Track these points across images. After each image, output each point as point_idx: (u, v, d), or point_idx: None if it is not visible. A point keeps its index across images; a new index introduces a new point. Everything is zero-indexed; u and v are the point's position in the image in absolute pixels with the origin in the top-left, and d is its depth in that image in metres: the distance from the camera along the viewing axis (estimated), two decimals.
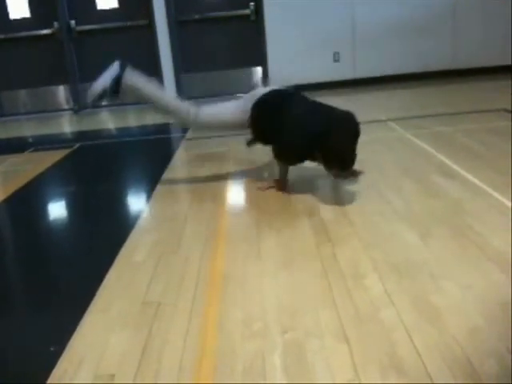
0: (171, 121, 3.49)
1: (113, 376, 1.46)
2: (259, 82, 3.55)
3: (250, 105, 2.90)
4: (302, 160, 2.77)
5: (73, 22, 6.92)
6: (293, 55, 6.51)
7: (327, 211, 2.53)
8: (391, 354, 1.42)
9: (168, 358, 1.51)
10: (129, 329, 1.69)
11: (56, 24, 6.88)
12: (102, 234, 2.63)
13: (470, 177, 2.77)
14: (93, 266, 2.24)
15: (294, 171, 2.95)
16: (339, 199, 2.67)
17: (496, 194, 2.51)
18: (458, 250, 2.00)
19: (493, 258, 1.90)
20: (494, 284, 1.74)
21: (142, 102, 3.25)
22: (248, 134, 3.03)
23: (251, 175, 3.29)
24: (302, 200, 2.72)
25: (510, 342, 1.41)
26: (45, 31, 6.95)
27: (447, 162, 3.09)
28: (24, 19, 6.96)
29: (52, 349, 1.62)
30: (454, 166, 2.99)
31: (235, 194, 3.07)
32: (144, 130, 5.77)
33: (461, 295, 1.69)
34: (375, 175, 3.00)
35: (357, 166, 2.70)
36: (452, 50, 6.48)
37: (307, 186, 2.92)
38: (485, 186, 2.62)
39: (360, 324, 1.58)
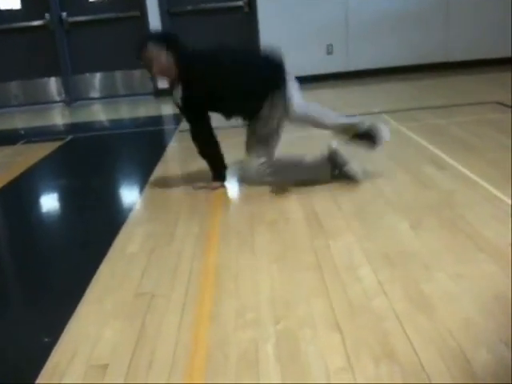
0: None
1: (106, 366, 1.46)
2: None
3: None
4: None
5: (64, 14, 6.86)
6: (286, 47, 6.44)
7: (320, 203, 2.53)
8: (383, 342, 1.43)
9: (161, 348, 1.51)
10: (122, 320, 1.69)
11: (47, 15, 6.81)
12: (95, 226, 2.63)
13: (462, 168, 2.78)
14: (86, 257, 2.24)
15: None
16: (332, 191, 2.67)
17: (488, 186, 2.52)
18: (450, 241, 2.02)
19: (484, 249, 1.92)
20: (485, 274, 1.75)
21: None
22: None
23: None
24: (295, 193, 2.72)
25: (503, 332, 1.43)
26: (36, 23, 6.88)
27: (440, 153, 3.10)
28: (15, 10, 6.89)
29: (46, 340, 1.62)
30: (447, 158, 3.00)
31: (228, 186, 3.07)
32: (137, 121, 5.74)
33: (452, 285, 1.70)
34: (368, 167, 3.00)
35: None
36: (445, 43, 6.48)
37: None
38: (477, 178, 2.63)
39: (353, 314, 1.59)
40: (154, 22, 6.65)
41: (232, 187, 2.98)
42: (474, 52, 6.39)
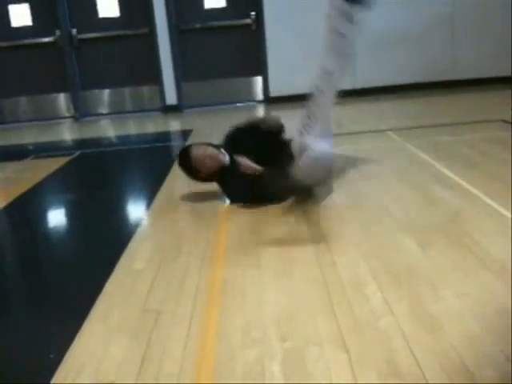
0: None
1: (112, 383, 1.46)
2: None
3: None
4: None
5: (74, 31, 6.95)
6: (293, 64, 6.52)
7: (326, 220, 2.53)
8: (390, 361, 1.43)
9: (167, 366, 1.51)
10: (128, 336, 1.69)
11: (57, 32, 6.91)
12: (102, 242, 2.64)
13: (468, 186, 2.78)
14: (93, 273, 2.24)
15: None
16: (338, 208, 2.68)
17: (494, 203, 2.52)
18: (457, 259, 2.01)
19: (491, 267, 1.91)
20: (492, 292, 1.75)
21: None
22: None
23: None
24: (301, 210, 2.73)
25: (508, 350, 1.42)
26: (46, 39, 6.98)
27: (446, 171, 3.11)
28: (26, 27, 7.00)
29: (52, 356, 1.62)
30: (453, 176, 3.00)
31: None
32: (144, 137, 5.78)
33: (459, 303, 1.69)
34: (374, 185, 3.01)
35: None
36: (452, 60, 6.51)
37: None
38: (483, 196, 2.63)
39: (359, 332, 1.58)
40: (163, 39, 6.72)
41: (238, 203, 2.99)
42: (481, 70, 6.41)
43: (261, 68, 6.81)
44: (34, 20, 6.99)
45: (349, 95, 6.46)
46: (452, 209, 2.53)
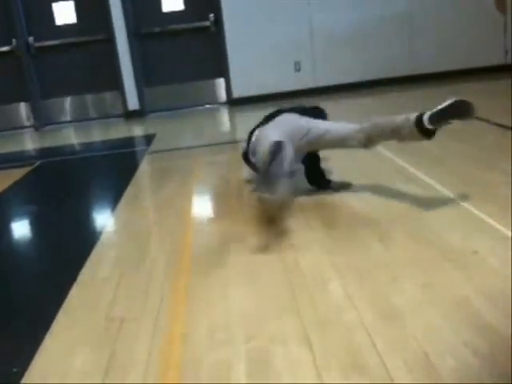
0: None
1: None
2: None
3: None
4: None
5: (31, 39, 6.82)
6: (254, 66, 6.55)
7: (289, 218, 2.54)
8: (353, 355, 1.45)
9: (132, 375, 1.50)
10: (92, 346, 1.67)
11: (14, 41, 6.77)
12: (65, 251, 2.60)
13: (429, 180, 2.84)
14: (56, 283, 2.21)
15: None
16: (300, 206, 2.69)
17: (452, 195, 2.57)
18: (418, 252, 2.05)
19: (450, 257, 1.96)
20: (451, 282, 1.79)
21: None
22: None
23: (215, 187, 3.30)
24: (265, 209, 2.73)
25: (467, 338, 1.46)
26: (3, 48, 6.83)
27: (408, 166, 3.16)
28: None
29: (15, 370, 1.59)
30: (414, 171, 3.06)
31: (199, 206, 3.08)
32: (107, 144, 5.71)
33: (419, 294, 1.73)
34: (336, 180, 3.04)
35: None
36: (410, 56, 6.62)
37: None
38: (443, 189, 2.69)
39: (323, 328, 1.60)
40: (122, 44, 6.66)
41: (202, 207, 2.99)
42: (438, 64, 6.54)
43: (222, 70, 6.80)
44: None
45: (311, 94, 6.55)
46: (413, 202, 2.57)
